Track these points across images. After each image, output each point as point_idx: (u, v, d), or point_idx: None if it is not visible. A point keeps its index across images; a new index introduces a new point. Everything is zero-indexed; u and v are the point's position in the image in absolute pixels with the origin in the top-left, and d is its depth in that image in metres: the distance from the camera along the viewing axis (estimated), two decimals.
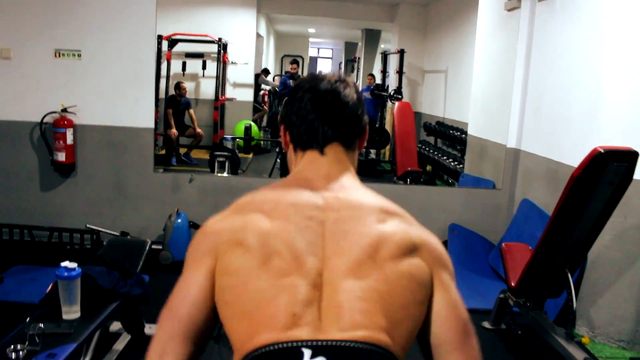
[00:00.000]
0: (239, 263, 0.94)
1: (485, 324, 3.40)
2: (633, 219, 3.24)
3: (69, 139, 4.15)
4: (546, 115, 4.09)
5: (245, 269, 0.93)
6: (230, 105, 8.43)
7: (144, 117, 4.31)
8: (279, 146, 5.92)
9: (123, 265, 2.67)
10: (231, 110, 8.39)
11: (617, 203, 2.59)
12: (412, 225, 1.03)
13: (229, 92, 8.56)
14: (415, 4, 8.99)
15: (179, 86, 7.43)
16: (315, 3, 9.11)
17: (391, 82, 9.01)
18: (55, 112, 4.14)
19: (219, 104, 7.98)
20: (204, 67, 8.20)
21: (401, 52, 8.38)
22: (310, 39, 15.48)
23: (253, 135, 8.07)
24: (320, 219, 0.97)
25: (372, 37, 11.71)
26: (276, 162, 6.28)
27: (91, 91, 4.23)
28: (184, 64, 8.12)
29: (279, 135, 1.19)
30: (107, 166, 4.34)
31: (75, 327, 2.16)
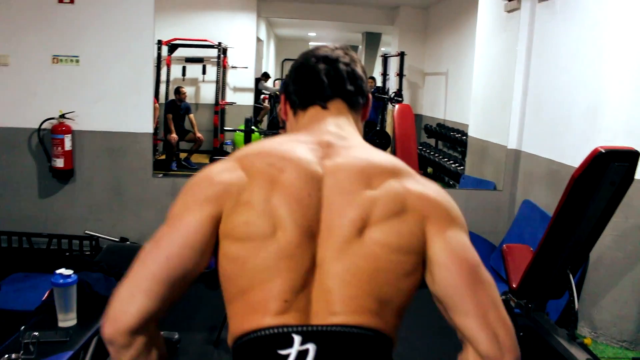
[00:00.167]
0: (245, 233, 0.92)
1: None
2: (635, 219, 3.21)
3: (67, 145, 4.13)
4: (547, 116, 4.07)
5: (250, 241, 0.92)
6: (231, 110, 8.43)
7: (142, 122, 4.29)
8: None
9: (120, 272, 2.65)
10: (231, 114, 8.38)
11: (619, 203, 2.56)
12: (409, 180, 0.98)
13: (229, 97, 8.56)
14: (415, 7, 8.99)
15: (178, 91, 7.43)
16: (315, 7, 9.11)
17: (392, 85, 9.01)
18: (53, 118, 4.13)
19: (219, 108, 7.99)
20: (204, 72, 8.21)
21: (401, 55, 8.39)
22: (310, 43, 15.48)
23: (254, 138, 8.04)
24: (318, 185, 0.95)
25: (373, 40, 11.72)
26: None
27: (89, 97, 4.22)
28: (184, 68, 8.14)
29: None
30: (106, 172, 4.33)
31: (71, 335, 2.12)
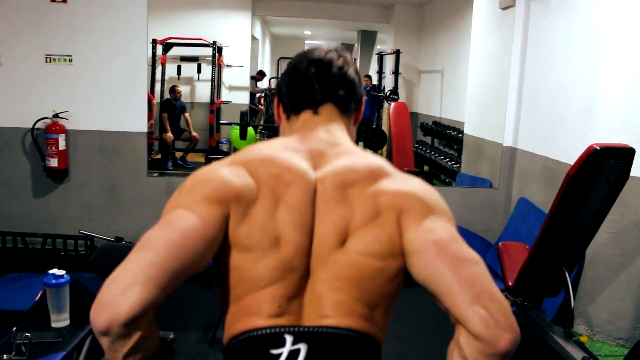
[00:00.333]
0: (249, 244, 0.93)
1: None
2: (630, 216, 3.21)
3: (61, 145, 4.11)
4: (542, 113, 4.06)
5: (251, 252, 0.93)
6: (226, 108, 8.40)
7: (136, 121, 4.28)
8: None
9: None
10: (227, 113, 8.36)
11: (614, 200, 2.55)
12: (386, 181, 0.98)
13: (225, 95, 8.53)
14: (410, 5, 8.97)
15: (174, 90, 7.40)
16: (310, 5, 9.09)
17: (387, 83, 8.99)
18: (47, 118, 4.11)
19: (214, 107, 7.96)
20: (199, 71, 8.17)
21: (397, 53, 8.36)
22: (306, 41, 15.46)
23: (249, 138, 8.03)
24: (313, 196, 0.96)
25: (368, 39, 11.70)
26: None
27: (83, 96, 4.20)
28: (179, 67, 8.10)
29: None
30: (101, 171, 4.31)
31: (64, 335, 2.11)
